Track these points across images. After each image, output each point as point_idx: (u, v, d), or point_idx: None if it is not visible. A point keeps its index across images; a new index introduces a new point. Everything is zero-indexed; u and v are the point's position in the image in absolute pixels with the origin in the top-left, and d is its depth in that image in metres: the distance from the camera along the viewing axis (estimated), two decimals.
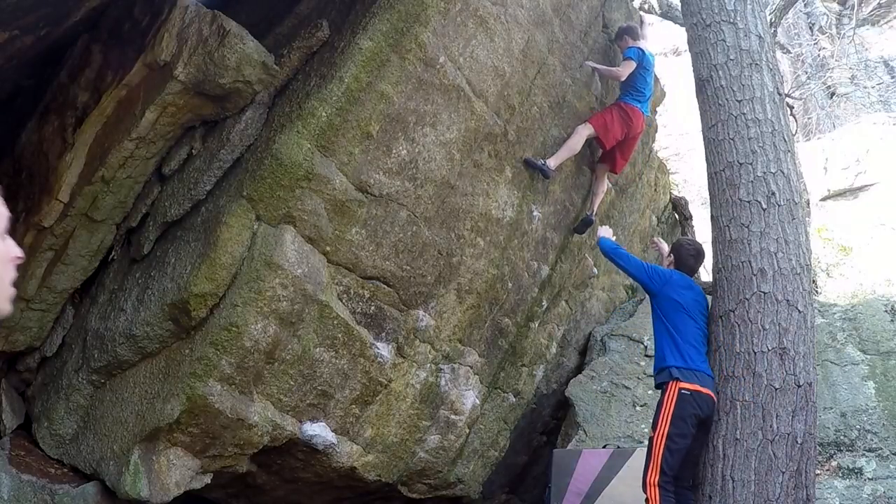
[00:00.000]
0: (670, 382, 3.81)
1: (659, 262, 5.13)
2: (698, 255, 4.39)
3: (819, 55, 14.62)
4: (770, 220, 3.97)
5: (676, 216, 8.94)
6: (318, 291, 4.31)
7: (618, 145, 6.21)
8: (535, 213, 5.69)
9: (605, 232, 4.90)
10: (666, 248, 4.99)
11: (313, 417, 4.61)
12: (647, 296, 7.53)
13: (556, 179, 5.85)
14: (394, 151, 4.53)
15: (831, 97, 15.21)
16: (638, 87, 6.07)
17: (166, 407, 4.18)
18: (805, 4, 14.95)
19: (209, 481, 4.47)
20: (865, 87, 14.81)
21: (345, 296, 4.54)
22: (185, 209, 4.63)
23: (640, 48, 6.16)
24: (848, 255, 10.24)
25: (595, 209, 6.24)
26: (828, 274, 10.14)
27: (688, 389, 3.74)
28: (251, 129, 4.54)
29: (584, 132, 5.80)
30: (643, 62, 6.10)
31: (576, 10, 5.95)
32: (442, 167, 4.80)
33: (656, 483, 3.64)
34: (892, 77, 14.91)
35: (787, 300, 3.81)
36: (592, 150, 6.37)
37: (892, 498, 4.81)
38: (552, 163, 5.61)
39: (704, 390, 3.77)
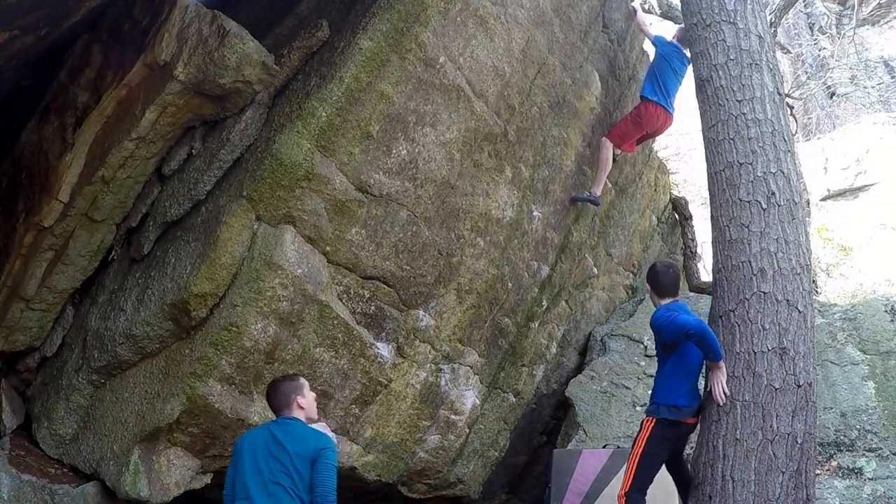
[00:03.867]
0: (650, 418, 3.87)
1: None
2: (668, 268, 4.06)
3: (819, 55, 14.61)
4: (770, 220, 3.97)
5: (676, 216, 8.95)
6: (318, 291, 4.31)
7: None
8: (535, 213, 5.70)
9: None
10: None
11: None
12: (647, 295, 7.57)
13: (556, 179, 5.85)
14: (394, 151, 4.53)
15: (831, 97, 15.21)
16: (658, 77, 6.18)
17: (166, 407, 4.18)
18: (805, 4, 14.94)
19: (209, 481, 4.47)
20: (865, 87, 14.81)
21: (345, 296, 4.54)
22: (185, 209, 4.63)
23: (666, 40, 6.31)
24: (848, 255, 10.24)
25: (600, 191, 6.14)
26: (828, 274, 10.14)
27: (666, 420, 3.80)
28: (251, 129, 4.54)
29: (608, 145, 6.13)
30: (664, 52, 6.21)
31: (576, 10, 5.96)
32: (442, 167, 4.81)
33: (623, 495, 3.81)
34: (892, 77, 14.90)
35: (787, 300, 3.81)
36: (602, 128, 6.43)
37: (892, 498, 4.81)
38: (596, 190, 6.06)
39: (682, 420, 3.82)
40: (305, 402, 3.46)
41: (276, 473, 3.18)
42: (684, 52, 6.14)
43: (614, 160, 6.57)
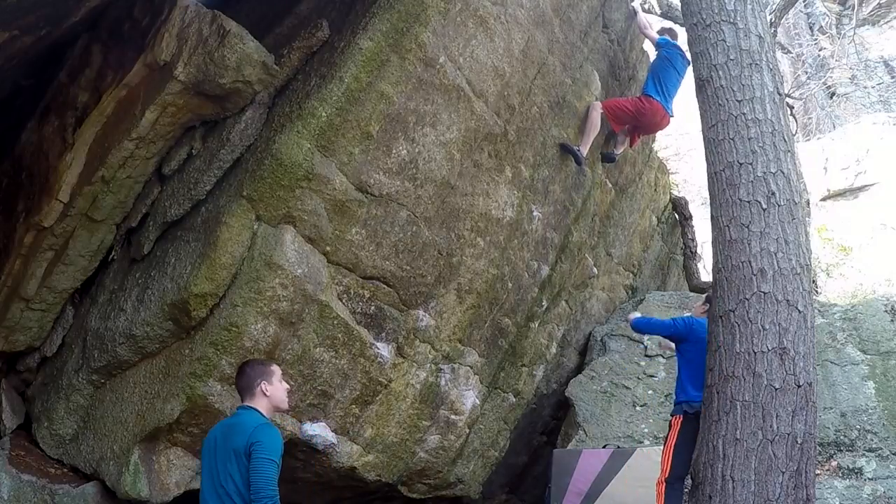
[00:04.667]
0: (680, 415, 4.36)
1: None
2: None
3: (819, 55, 14.61)
4: (770, 220, 3.96)
5: (676, 216, 8.95)
6: (318, 291, 4.31)
7: (632, 128, 6.51)
8: (535, 213, 5.70)
9: (634, 315, 5.29)
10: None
11: (313, 417, 4.61)
12: (646, 296, 7.58)
13: (556, 179, 5.85)
14: (394, 151, 4.53)
15: (831, 97, 15.21)
16: (660, 77, 6.25)
17: (166, 407, 4.18)
18: (805, 4, 14.94)
19: None
20: (865, 87, 14.81)
21: (345, 296, 4.54)
22: (185, 209, 4.63)
23: (670, 42, 6.40)
24: (848, 255, 10.24)
25: (586, 151, 6.11)
26: (828, 274, 10.14)
27: (693, 414, 4.23)
28: (251, 129, 4.54)
29: (597, 108, 6.09)
30: (667, 52, 6.30)
31: (576, 10, 5.96)
32: (442, 167, 4.80)
33: (663, 481, 4.26)
34: (892, 77, 14.90)
35: (787, 300, 3.80)
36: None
37: (892, 498, 4.81)
38: (583, 149, 5.96)
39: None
40: (272, 389, 3.21)
41: (223, 475, 2.97)
42: (686, 53, 6.19)
43: (614, 160, 6.59)
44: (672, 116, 6.40)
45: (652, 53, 6.85)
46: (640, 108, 6.22)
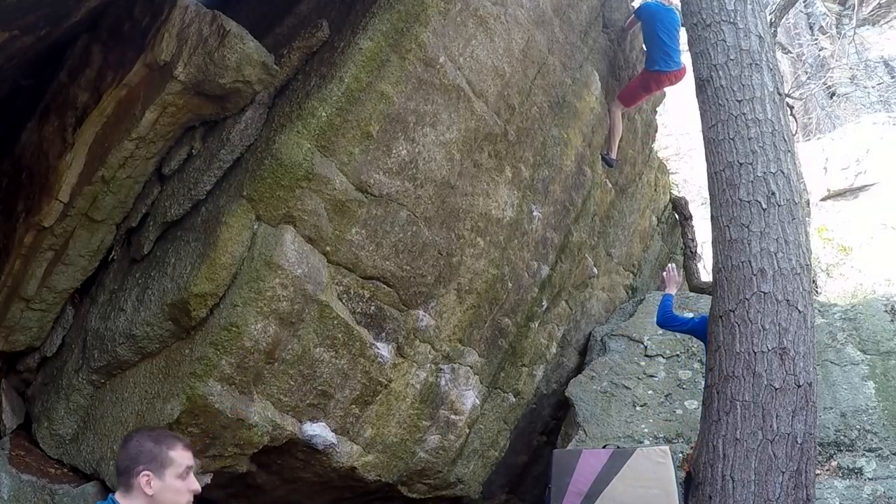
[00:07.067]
0: None
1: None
2: None
3: (819, 55, 14.62)
4: (770, 220, 3.97)
5: (676, 216, 8.95)
6: (318, 291, 4.31)
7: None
8: (535, 213, 5.70)
9: (671, 286, 5.20)
10: (674, 277, 5.24)
11: (313, 417, 4.61)
12: (646, 296, 7.58)
13: (556, 179, 5.85)
14: (394, 151, 4.53)
15: (831, 97, 15.22)
16: (652, 41, 6.35)
17: (166, 407, 4.18)
18: (805, 4, 14.95)
19: (209, 481, 4.47)
20: (865, 87, 14.82)
21: (345, 296, 4.54)
22: (185, 209, 4.63)
23: (645, 5, 6.50)
24: (848, 255, 10.25)
25: (614, 154, 6.49)
26: (828, 274, 10.15)
27: None
28: (251, 129, 4.54)
29: (617, 110, 6.33)
30: (644, 18, 6.41)
31: (576, 10, 5.96)
32: (442, 167, 4.80)
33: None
34: (892, 77, 14.92)
35: (787, 300, 3.81)
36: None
37: (892, 498, 4.81)
38: (613, 154, 6.40)
39: None
40: (159, 487, 2.15)
41: None
42: (666, 4, 6.33)
43: (612, 165, 6.65)
44: (679, 66, 6.41)
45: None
46: (647, 83, 6.42)
